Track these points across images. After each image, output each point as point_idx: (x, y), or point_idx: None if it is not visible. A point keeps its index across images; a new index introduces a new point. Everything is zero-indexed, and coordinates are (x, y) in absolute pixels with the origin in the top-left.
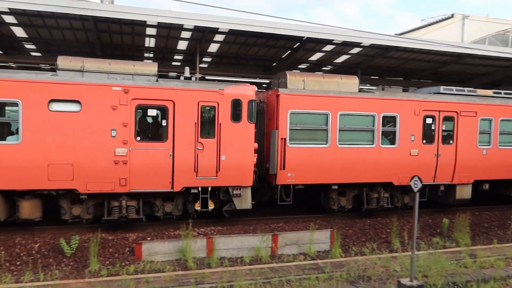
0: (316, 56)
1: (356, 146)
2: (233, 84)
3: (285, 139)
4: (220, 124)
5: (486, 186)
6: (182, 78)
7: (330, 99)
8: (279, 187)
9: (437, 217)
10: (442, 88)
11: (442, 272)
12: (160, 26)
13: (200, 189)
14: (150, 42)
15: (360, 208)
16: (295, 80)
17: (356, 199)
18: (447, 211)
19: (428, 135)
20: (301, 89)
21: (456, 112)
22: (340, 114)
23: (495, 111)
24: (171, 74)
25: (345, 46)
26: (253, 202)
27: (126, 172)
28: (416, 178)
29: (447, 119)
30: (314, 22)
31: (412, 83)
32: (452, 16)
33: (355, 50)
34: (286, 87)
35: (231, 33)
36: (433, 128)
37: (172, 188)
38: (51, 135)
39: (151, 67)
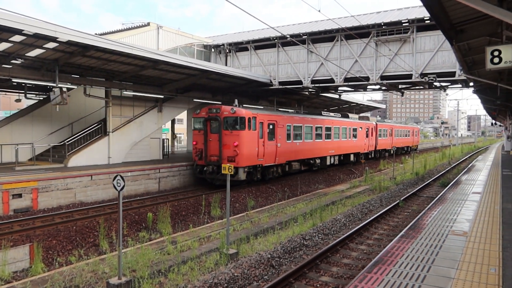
0: (3, 46)
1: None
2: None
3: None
4: (368, 133)
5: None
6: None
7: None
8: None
9: (143, 212)
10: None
11: (149, 263)
12: None
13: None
14: None
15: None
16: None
17: None
18: (151, 206)
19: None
20: (380, 122)
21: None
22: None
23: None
24: None
25: (38, 39)
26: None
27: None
28: (118, 177)
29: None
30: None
31: (115, 84)
32: (149, 24)
33: (51, 45)
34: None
35: None
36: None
37: (366, 150)
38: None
39: (372, 121)
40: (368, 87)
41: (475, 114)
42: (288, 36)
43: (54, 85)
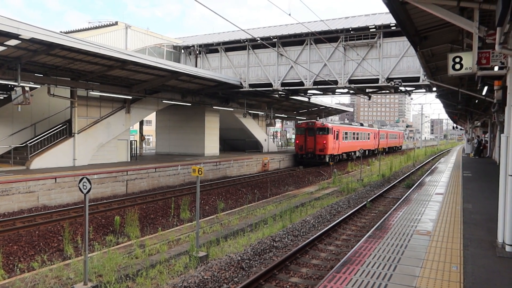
0: None
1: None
2: (379, 128)
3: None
4: (375, 136)
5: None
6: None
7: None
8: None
9: (110, 215)
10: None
11: (116, 267)
12: None
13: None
14: None
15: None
16: (375, 126)
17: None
18: (118, 209)
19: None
20: (380, 128)
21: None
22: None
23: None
24: None
25: (0, 35)
26: None
27: (374, 145)
28: (85, 180)
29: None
30: None
31: (81, 84)
32: (117, 23)
33: (13, 42)
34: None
35: None
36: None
37: (373, 148)
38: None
39: (375, 127)
40: (337, 90)
41: (438, 118)
42: (258, 39)
43: (16, 84)
